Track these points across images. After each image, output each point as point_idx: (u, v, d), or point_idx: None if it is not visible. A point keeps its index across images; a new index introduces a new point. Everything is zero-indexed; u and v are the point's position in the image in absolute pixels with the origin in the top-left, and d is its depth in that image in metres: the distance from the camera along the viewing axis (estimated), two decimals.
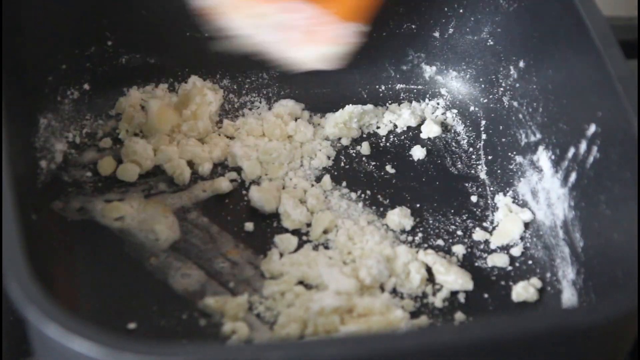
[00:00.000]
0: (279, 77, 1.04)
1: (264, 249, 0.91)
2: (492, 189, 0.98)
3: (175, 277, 0.88)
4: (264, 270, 0.90)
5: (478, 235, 0.94)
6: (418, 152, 1.00)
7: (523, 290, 0.89)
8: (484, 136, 1.02)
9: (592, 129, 0.86)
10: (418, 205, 0.96)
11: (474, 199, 0.97)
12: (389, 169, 0.99)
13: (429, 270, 0.90)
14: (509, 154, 0.99)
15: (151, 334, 0.83)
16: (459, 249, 0.93)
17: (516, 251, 0.93)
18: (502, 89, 1.01)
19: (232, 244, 0.92)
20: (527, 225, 0.94)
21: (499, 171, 0.99)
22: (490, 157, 1.00)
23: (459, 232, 0.94)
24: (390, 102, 1.04)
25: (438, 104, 1.04)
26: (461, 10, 1.02)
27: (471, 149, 1.01)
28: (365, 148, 1.00)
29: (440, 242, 0.93)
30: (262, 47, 0.89)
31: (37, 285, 0.68)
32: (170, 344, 0.69)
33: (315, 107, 1.03)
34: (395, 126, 1.03)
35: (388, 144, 1.01)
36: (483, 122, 1.02)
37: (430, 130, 1.02)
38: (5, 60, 0.85)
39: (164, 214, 0.92)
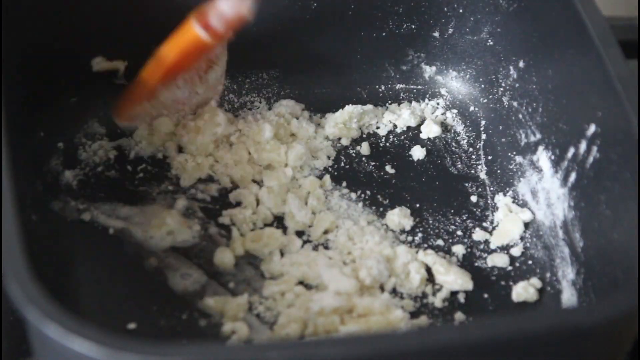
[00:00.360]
0: (279, 77, 1.04)
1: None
2: (492, 189, 0.98)
3: (175, 277, 0.88)
4: (264, 270, 0.90)
5: (478, 235, 0.94)
6: (418, 152, 1.00)
7: (523, 290, 0.89)
8: (483, 136, 1.02)
9: (592, 129, 0.86)
10: (418, 205, 0.96)
11: (473, 199, 0.97)
12: (388, 169, 0.99)
13: (428, 270, 0.90)
14: (509, 154, 0.99)
15: (151, 334, 0.83)
16: (459, 249, 0.92)
17: (516, 251, 0.93)
18: (502, 89, 1.01)
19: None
20: (527, 225, 0.94)
21: (498, 171, 0.99)
22: (490, 157, 1.00)
23: (459, 232, 0.94)
24: (390, 102, 1.04)
25: (438, 104, 1.04)
26: (461, 10, 1.02)
27: (471, 149, 1.01)
28: (365, 148, 1.00)
29: (440, 242, 0.93)
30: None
31: (37, 285, 0.68)
32: (170, 344, 0.69)
33: (315, 107, 1.03)
34: (395, 126, 1.03)
35: (388, 144, 1.01)
36: (483, 122, 1.02)
37: (430, 130, 1.02)
38: (6, 61, 0.85)
39: (165, 214, 0.92)
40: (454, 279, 0.89)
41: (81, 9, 0.97)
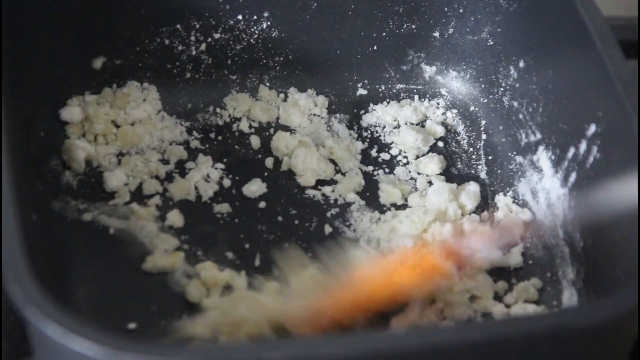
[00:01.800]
0: (279, 77, 1.03)
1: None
2: (492, 189, 0.98)
3: (175, 277, 0.88)
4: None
5: None
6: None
7: (523, 291, 0.89)
8: (484, 136, 1.02)
9: (592, 129, 0.86)
10: None
11: None
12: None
13: None
14: (509, 154, 0.99)
15: (151, 334, 0.83)
16: None
17: (516, 251, 0.93)
18: (502, 89, 1.01)
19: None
20: (527, 225, 0.94)
21: (499, 171, 0.99)
22: (490, 157, 1.00)
23: None
24: (389, 101, 1.04)
25: (438, 104, 1.04)
26: (461, 10, 1.02)
27: (471, 149, 1.01)
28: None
29: None
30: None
31: (37, 285, 0.68)
32: (170, 344, 0.69)
33: None
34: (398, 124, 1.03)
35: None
36: (483, 122, 1.02)
37: (434, 132, 1.01)
38: (6, 62, 0.85)
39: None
40: (475, 285, 0.89)
41: (82, 8, 0.97)
